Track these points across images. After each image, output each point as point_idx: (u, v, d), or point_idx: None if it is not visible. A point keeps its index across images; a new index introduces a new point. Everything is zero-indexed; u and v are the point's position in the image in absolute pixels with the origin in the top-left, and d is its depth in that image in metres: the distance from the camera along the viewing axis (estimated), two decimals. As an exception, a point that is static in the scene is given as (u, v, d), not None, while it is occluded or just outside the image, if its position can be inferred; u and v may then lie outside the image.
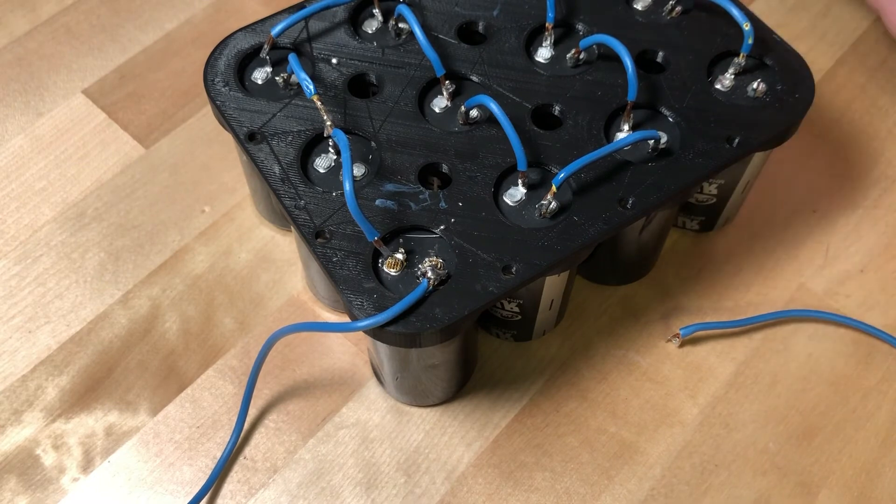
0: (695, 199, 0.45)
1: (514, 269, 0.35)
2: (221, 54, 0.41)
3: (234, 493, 0.41)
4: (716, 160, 0.38)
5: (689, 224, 0.47)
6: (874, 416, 0.43)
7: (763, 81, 0.40)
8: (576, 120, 0.39)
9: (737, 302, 0.46)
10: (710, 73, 0.41)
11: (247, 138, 0.38)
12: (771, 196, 0.48)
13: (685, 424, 0.42)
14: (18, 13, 0.55)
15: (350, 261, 0.35)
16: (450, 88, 0.39)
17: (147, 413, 0.42)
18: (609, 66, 0.40)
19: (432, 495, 0.41)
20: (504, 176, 0.37)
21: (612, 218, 0.36)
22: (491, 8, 0.42)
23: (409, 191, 0.37)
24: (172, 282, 0.46)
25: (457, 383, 0.42)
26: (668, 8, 0.42)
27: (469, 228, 0.36)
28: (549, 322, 0.43)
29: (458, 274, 0.35)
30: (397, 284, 0.35)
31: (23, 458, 0.41)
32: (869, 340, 0.45)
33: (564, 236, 0.36)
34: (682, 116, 0.39)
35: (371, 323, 0.33)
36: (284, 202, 0.36)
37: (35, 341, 0.44)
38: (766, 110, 0.39)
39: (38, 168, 0.49)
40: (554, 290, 0.40)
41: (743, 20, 0.39)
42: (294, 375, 0.43)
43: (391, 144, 0.38)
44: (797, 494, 0.41)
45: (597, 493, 0.41)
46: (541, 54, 0.41)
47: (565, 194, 0.37)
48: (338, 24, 0.42)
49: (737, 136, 0.38)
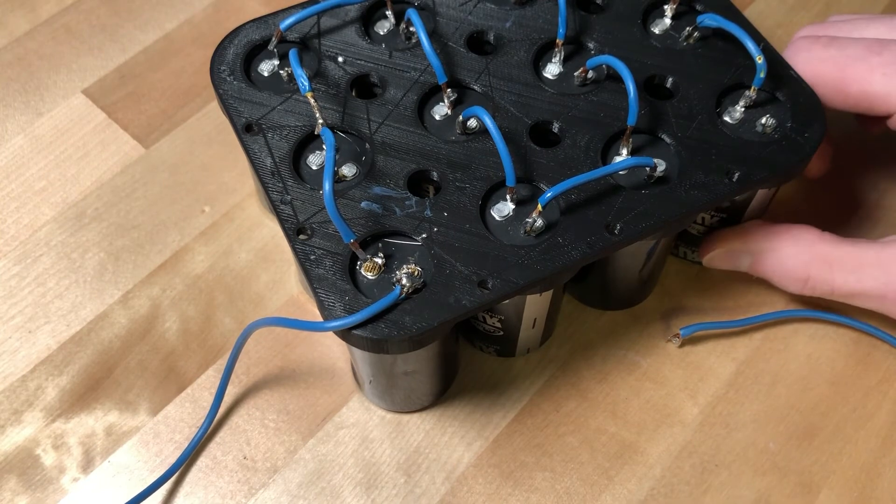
0: (695, 231, 0.44)
1: (489, 284, 0.34)
2: (231, 44, 0.41)
3: (234, 493, 0.41)
4: (712, 194, 0.37)
5: (690, 255, 0.46)
6: (874, 416, 0.43)
7: (773, 117, 0.38)
8: (574, 139, 0.38)
9: (737, 302, 0.46)
10: (719, 103, 0.39)
11: (244, 129, 0.38)
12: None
13: (685, 424, 0.42)
14: (18, 13, 0.55)
15: (327, 260, 0.35)
16: (451, 97, 0.39)
17: (147, 413, 0.42)
18: (616, 87, 0.39)
19: (432, 495, 0.41)
20: (494, 190, 0.37)
21: (597, 242, 0.35)
22: (504, 19, 0.42)
23: (395, 195, 0.36)
24: (172, 282, 0.46)
25: (432, 393, 0.42)
26: (686, 34, 0.41)
27: (451, 239, 0.35)
28: (532, 340, 0.43)
29: (434, 284, 0.34)
30: (373, 288, 0.34)
31: (23, 458, 0.41)
32: (869, 340, 0.45)
33: (546, 256, 0.35)
34: (683, 146, 0.38)
35: (338, 325, 0.33)
36: (271, 196, 0.36)
37: (35, 341, 0.44)
38: (772, 147, 0.38)
39: (38, 168, 0.49)
40: (536, 309, 0.39)
41: (757, 53, 0.37)
42: (294, 376, 0.43)
43: (385, 147, 0.38)
44: (797, 494, 0.41)
45: (597, 493, 0.41)
46: (549, 70, 0.40)
47: (553, 214, 0.36)
48: (349, 22, 0.41)
49: (737, 171, 0.37)
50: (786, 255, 0.41)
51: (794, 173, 0.39)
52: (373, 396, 0.42)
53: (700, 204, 0.36)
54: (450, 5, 0.42)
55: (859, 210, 0.48)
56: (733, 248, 0.42)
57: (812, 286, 0.41)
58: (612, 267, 0.42)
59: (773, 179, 0.38)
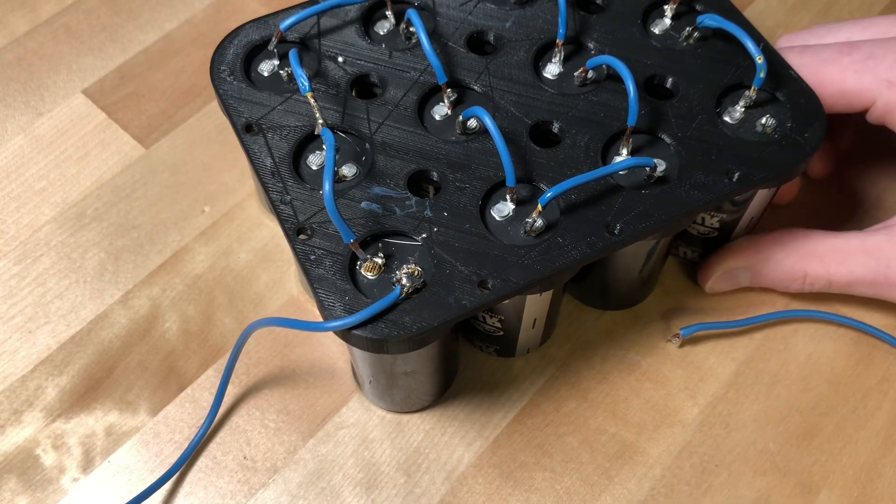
0: (695, 231, 0.44)
1: (489, 284, 0.34)
2: (231, 44, 0.41)
3: (234, 493, 0.41)
4: (712, 193, 0.37)
5: (690, 255, 0.46)
6: (874, 416, 0.43)
7: (773, 117, 0.38)
8: (574, 140, 0.38)
9: (737, 302, 0.46)
10: (719, 103, 0.39)
11: (243, 129, 0.38)
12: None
13: (685, 424, 0.42)
14: (18, 13, 0.55)
15: (327, 260, 0.35)
16: (451, 97, 0.39)
17: (147, 413, 0.42)
18: (616, 87, 0.39)
19: (432, 495, 0.41)
20: (494, 190, 0.37)
21: (597, 242, 0.35)
22: (504, 19, 0.42)
23: (395, 195, 0.36)
24: (172, 282, 0.46)
25: (432, 393, 0.42)
26: (686, 34, 0.41)
27: (451, 239, 0.35)
28: (532, 340, 0.43)
29: (434, 284, 0.34)
30: (373, 288, 0.34)
31: (23, 458, 0.41)
32: (869, 340, 0.45)
33: (545, 256, 0.35)
34: (683, 146, 0.38)
35: (338, 325, 0.33)
36: (271, 196, 0.36)
37: (35, 341, 0.44)
38: (772, 147, 0.38)
39: (38, 168, 0.49)
40: (536, 309, 0.39)
41: (756, 53, 0.37)
42: (294, 376, 0.43)
43: (385, 148, 0.38)
44: (797, 494, 0.41)
45: (597, 493, 0.41)
46: (549, 70, 0.40)
47: (553, 214, 0.36)
48: (349, 22, 0.41)
49: (737, 171, 0.37)
50: (779, 259, 0.43)
51: (794, 173, 0.39)
52: (373, 396, 0.42)
53: (700, 204, 0.36)
54: (450, 5, 0.42)
55: (859, 209, 0.48)
56: (729, 268, 0.44)
57: (811, 282, 0.43)
58: (612, 267, 0.42)
59: (773, 179, 0.38)
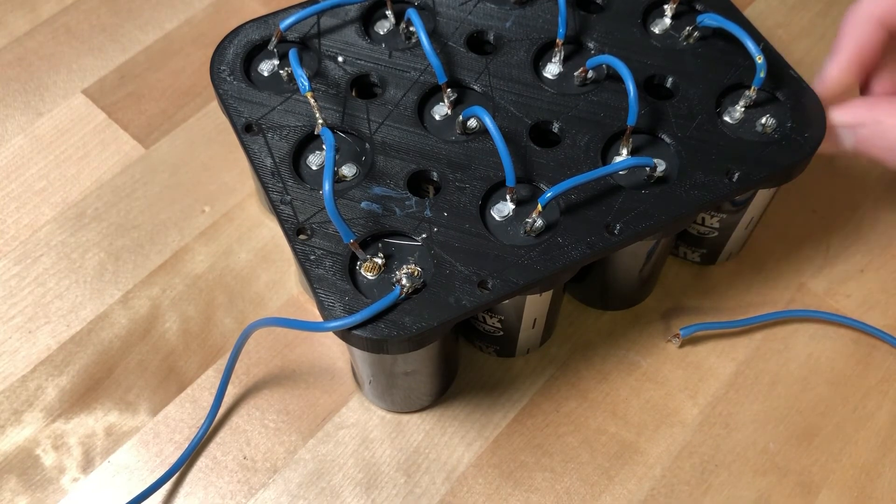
0: (695, 231, 0.44)
1: (489, 284, 0.34)
2: (231, 44, 0.41)
3: (234, 493, 0.41)
4: (712, 193, 0.37)
5: (690, 255, 0.46)
6: (874, 416, 0.43)
7: (773, 117, 0.38)
8: (574, 140, 0.38)
9: (737, 302, 0.46)
10: (719, 103, 0.39)
11: (243, 129, 0.38)
12: (771, 196, 0.48)
13: (685, 424, 0.42)
14: (18, 13, 0.55)
15: (327, 260, 0.35)
16: (451, 97, 0.39)
17: (147, 413, 0.42)
18: (616, 87, 0.39)
19: (432, 495, 0.41)
20: (494, 190, 0.37)
21: (597, 243, 0.35)
22: (504, 19, 0.42)
23: (395, 195, 0.36)
24: (172, 282, 0.46)
25: (432, 393, 0.42)
26: (686, 33, 0.41)
27: (451, 239, 0.35)
28: (532, 340, 0.43)
29: (434, 284, 0.34)
30: (373, 289, 0.34)
31: (23, 458, 0.41)
32: (869, 340, 0.45)
33: (545, 256, 0.35)
34: (683, 145, 0.38)
35: (338, 325, 0.33)
36: (271, 196, 0.36)
37: (35, 341, 0.44)
38: (772, 147, 0.38)
39: (38, 168, 0.49)
40: (536, 310, 0.40)
41: (756, 52, 0.37)
42: (294, 376, 0.43)
43: (385, 147, 0.38)
44: (797, 494, 0.41)
45: (597, 493, 0.41)
46: (549, 70, 0.40)
47: (553, 214, 0.36)
48: (349, 22, 0.41)
49: (737, 170, 0.37)
50: (889, 126, 0.38)
51: (794, 173, 0.39)
52: (373, 396, 0.42)
53: (700, 204, 0.36)
54: (450, 5, 0.42)
55: (858, 209, 0.48)
56: (833, 127, 0.39)
57: None
58: (612, 267, 0.42)
59: (773, 179, 0.38)
